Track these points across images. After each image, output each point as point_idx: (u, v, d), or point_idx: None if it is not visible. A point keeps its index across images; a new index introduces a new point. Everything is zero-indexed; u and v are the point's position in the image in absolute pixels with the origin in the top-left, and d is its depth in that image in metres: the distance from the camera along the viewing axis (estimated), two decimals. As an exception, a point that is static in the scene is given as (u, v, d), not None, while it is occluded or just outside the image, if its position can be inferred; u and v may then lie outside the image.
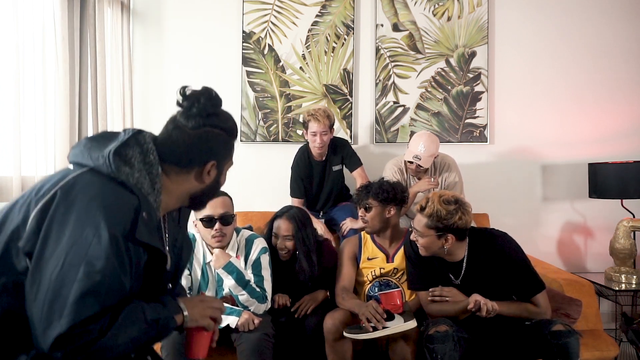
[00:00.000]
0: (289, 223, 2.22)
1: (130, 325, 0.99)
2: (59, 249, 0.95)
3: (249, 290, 1.98)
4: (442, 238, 1.85)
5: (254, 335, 1.89)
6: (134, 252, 1.02)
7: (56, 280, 0.93)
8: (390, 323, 1.87)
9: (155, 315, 1.05)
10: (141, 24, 3.35)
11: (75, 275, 0.93)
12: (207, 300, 1.24)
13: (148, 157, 1.11)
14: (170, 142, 1.14)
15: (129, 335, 0.99)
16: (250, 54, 3.33)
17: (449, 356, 1.71)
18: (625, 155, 3.27)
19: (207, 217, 1.99)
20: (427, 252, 1.91)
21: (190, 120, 1.14)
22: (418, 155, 2.58)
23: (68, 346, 0.92)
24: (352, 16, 3.34)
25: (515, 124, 3.37)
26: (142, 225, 1.03)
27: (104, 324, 0.95)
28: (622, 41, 3.37)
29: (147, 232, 1.05)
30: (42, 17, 2.44)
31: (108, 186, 1.03)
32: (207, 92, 1.16)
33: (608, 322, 3.16)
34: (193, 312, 1.17)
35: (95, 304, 0.94)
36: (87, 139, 1.12)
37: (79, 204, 0.99)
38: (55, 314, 0.92)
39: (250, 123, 3.33)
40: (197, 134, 1.14)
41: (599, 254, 3.30)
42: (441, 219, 1.81)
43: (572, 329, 1.72)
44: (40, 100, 2.44)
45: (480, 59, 3.33)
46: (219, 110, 1.20)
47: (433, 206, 1.82)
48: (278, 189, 3.22)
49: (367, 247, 2.26)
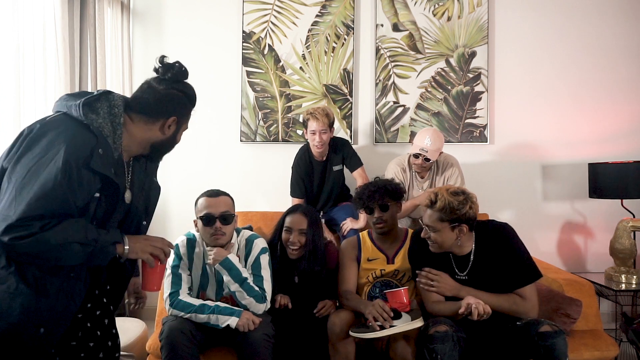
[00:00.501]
0: (304, 218, 2.21)
1: (68, 232, 1.26)
2: (27, 161, 1.26)
3: (246, 288, 1.97)
4: (455, 229, 1.86)
5: (254, 335, 1.89)
6: (86, 178, 1.30)
7: (19, 184, 1.24)
8: (397, 322, 1.86)
9: (95, 236, 1.30)
10: (141, 24, 3.36)
11: (33, 184, 1.23)
12: (151, 239, 1.47)
13: (113, 110, 1.41)
14: (142, 96, 1.44)
15: (64, 239, 1.25)
16: (250, 54, 3.33)
17: (448, 356, 1.71)
18: (625, 155, 3.28)
19: (207, 215, 1.99)
20: (440, 248, 1.90)
21: (162, 83, 1.44)
22: (425, 148, 2.60)
23: (14, 234, 1.20)
24: (352, 16, 3.34)
25: (515, 124, 3.37)
26: (97, 158, 1.32)
27: (47, 224, 1.23)
28: (622, 41, 3.37)
29: (101, 164, 1.33)
30: (42, 17, 2.44)
31: (73, 125, 1.34)
32: (179, 65, 1.46)
33: (608, 322, 3.16)
34: (134, 246, 1.41)
35: (42, 207, 1.22)
36: (66, 95, 1.44)
37: (49, 134, 1.31)
38: (11, 210, 1.21)
39: (250, 123, 3.34)
40: (167, 92, 1.44)
41: (599, 254, 3.30)
42: (454, 210, 1.83)
43: (559, 329, 1.71)
44: (41, 100, 2.44)
45: (480, 59, 3.33)
46: (185, 80, 1.49)
47: (444, 199, 1.84)
48: (278, 189, 3.23)
49: (366, 248, 2.24)
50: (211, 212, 1.99)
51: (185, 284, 2.03)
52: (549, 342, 1.66)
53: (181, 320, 1.91)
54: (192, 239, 2.10)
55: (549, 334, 1.68)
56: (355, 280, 2.20)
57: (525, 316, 1.83)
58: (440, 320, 1.82)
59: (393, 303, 1.91)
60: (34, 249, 1.23)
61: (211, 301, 2.00)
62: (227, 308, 1.94)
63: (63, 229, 1.25)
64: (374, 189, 2.16)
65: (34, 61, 2.39)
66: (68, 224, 1.26)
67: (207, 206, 2.00)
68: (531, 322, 1.77)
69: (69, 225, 1.26)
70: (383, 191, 2.14)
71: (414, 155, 2.66)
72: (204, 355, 1.98)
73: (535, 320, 1.78)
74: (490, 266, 1.91)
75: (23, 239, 1.21)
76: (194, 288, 2.07)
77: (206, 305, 1.95)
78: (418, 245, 2.03)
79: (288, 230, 2.21)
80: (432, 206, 1.87)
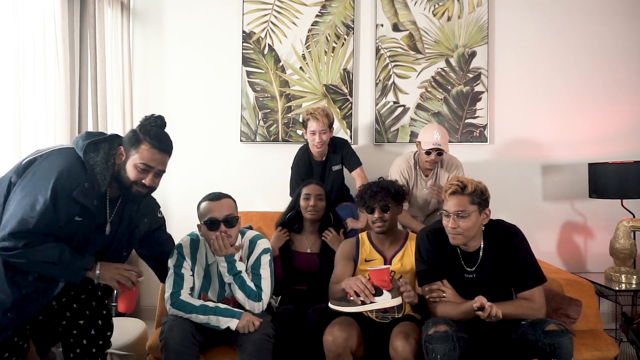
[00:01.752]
0: (319, 186, 2.46)
1: (46, 253, 1.53)
2: (27, 183, 1.55)
3: (239, 282, 1.97)
4: (482, 213, 1.91)
5: (255, 336, 1.88)
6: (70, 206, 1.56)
7: (17, 202, 1.52)
8: (378, 298, 1.88)
9: (68, 260, 1.56)
10: (141, 24, 3.36)
11: (25, 205, 1.50)
12: (121, 268, 1.72)
13: (112, 150, 1.70)
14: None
15: (41, 258, 1.52)
16: (250, 54, 3.33)
17: (448, 356, 1.71)
18: (625, 155, 3.27)
19: (210, 220, 1.96)
20: (466, 237, 1.90)
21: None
22: (437, 142, 2.64)
23: (3, 244, 1.50)
24: (352, 16, 3.34)
25: (515, 123, 3.37)
26: (80, 191, 1.57)
27: (31, 242, 1.50)
28: (622, 41, 3.37)
29: (84, 196, 1.58)
30: (42, 17, 2.45)
31: (71, 160, 1.61)
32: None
33: (608, 322, 3.16)
34: (104, 274, 1.68)
35: (29, 225, 1.49)
36: (87, 132, 1.72)
37: (47, 164, 1.59)
38: (8, 223, 1.50)
39: (250, 123, 3.34)
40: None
41: (599, 254, 3.30)
42: (482, 193, 1.90)
43: (565, 328, 1.71)
44: (41, 100, 2.44)
45: (480, 59, 3.33)
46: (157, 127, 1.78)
47: (472, 183, 1.90)
48: (278, 189, 3.23)
49: (364, 249, 2.23)
50: (215, 216, 1.96)
51: (187, 284, 2.02)
52: (555, 340, 1.66)
53: (181, 320, 1.91)
54: (195, 239, 2.09)
55: (556, 333, 1.68)
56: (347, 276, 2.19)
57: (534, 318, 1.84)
58: (440, 320, 1.82)
59: (375, 280, 1.91)
60: (17, 261, 1.52)
61: (212, 302, 1.99)
62: (228, 310, 1.94)
63: (42, 249, 1.52)
64: (377, 189, 2.15)
65: (34, 61, 2.40)
66: (49, 246, 1.54)
67: (210, 210, 1.97)
68: (536, 321, 1.77)
69: (49, 247, 1.54)
70: (386, 192, 2.14)
71: (426, 152, 2.68)
72: (204, 355, 1.98)
73: (541, 320, 1.78)
74: (498, 264, 1.92)
75: (9, 251, 1.50)
76: (196, 289, 2.06)
77: (207, 306, 1.95)
78: (426, 241, 2.02)
79: (307, 198, 2.41)
80: (462, 191, 1.88)
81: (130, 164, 1.69)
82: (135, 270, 1.74)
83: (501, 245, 1.93)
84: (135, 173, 1.69)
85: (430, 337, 1.75)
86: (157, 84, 3.35)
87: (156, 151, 1.70)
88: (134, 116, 3.22)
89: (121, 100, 3.06)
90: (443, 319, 1.83)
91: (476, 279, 1.94)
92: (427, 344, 1.75)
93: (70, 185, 1.56)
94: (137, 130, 1.73)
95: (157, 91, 3.35)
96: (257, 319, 1.93)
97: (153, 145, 1.70)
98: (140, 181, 1.70)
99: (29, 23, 2.37)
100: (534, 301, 1.86)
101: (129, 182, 1.70)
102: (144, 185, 1.72)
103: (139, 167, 1.69)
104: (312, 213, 2.40)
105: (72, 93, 2.62)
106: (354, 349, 1.94)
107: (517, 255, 1.90)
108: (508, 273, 1.91)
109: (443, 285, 1.94)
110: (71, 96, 2.61)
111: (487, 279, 1.92)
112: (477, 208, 1.89)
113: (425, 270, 2.01)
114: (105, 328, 1.83)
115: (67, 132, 2.55)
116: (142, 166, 1.69)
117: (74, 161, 1.61)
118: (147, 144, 1.69)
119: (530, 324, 1.78)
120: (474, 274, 1.95)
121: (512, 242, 1.92)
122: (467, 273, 1.96)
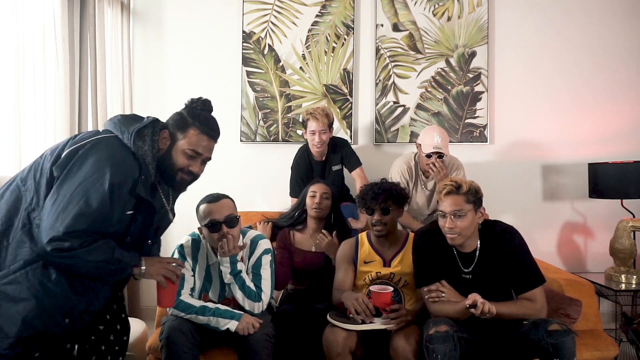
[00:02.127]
0: (327, 185, 2.48)
1: (100, 251, 1.40)
2: (75, 179, 1.38)
3: (239, 283, 1.98)
4: (477, 212, 1.92)
5: (255, 336, 1.88)
6: (126, 201, 1.44)
7: (67, 199, 1.35)
8: (377, 319, 1.91)
9: (120, 256, 1.44)
10: (141, 24, 3.36)
11: (79, 201, 1.35)
12: (164, 261, 1.61)
13: (155, 136, 1.56)
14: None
15: (97, 257, 1.39)
16: (250, 54, 3.33)
17: (449, 356, 1.71)
18: (625, 155, 3.28)
19: (211, 222, 1.95)
20: (463, 236, 1.90)
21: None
22: (437, 145, 2.60)
23: (56, 245, 1.33)
24: (352, 16, 3.34)
25: (515, 124, 3.37)
26: (140, 184, 1.46)
27: (85, 242, 1.37)
28: (622, 41, 3.37)
29: (144, 190, 1.48)
30: (42, 17, 2.44)
31: (121, 150, 1.47)
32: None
33: (608, 322, 3.16)
34: (150, 269, 1.54)
35: (85, 224, 1.36)
36: (120, 116, 1.58)
37: (98, 154, 1.42)
38: (58, 221, 1.34)
39: (250, 123, 3.34)
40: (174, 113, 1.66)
41: (599, 254, 3.30)
42: (477, 192, 1.91)
43: (568, 328, 1.71)
44: (40, 100, 2.44)
45: (480, 59, 3.33)
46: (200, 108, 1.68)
47: (467, 183, 1.91)
48: (278, 189, 3.22)
49: (363, 250, 2.22)
50: (215, 218, 1.95)
51: (188, 284, 2.02)
52: (558, 340, 1.67)
53: (181, 321, 1.91)
54: (197, 239, 2.09)
55: (559, 332, 1.68)
56: (350, 283, 2.18)
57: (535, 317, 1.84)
58: (440, 320, 1.82)
59: (377, 302, 1.93)
60: (69, 262, 1.37)
61: (212, 303, 1.99)
62: (228, 311, 1.94)
63: (96, 248, 1.39)
64: (379, 191, 2.12)
65: (33, 61, 2.39)
66: (101, 244, 1.41)
67: (209, 212, 1.97)
68: (539, 321, 1.78)
69: (102, 245, 1.41)
70: (387, 194, 2.11)
71: (427, 155, 2.66)
72: (204, 355, 1.98)
73: (543, 319, 1.78)
74: (495, 265, 1.92)
75: (63, 251, 1.35)
76: (196, 289, 2.06)
77: (207, 307, 1.95)
78: (423, 242, 2.02)
79: (313, 195, 2.44)
80: (457, 191, 1.88)
81: (177, 150, 1.58)
82: (178, 262, 1.64)
83: (499, 245, 1.93)
84: (183, 159, 1.58)
85: (431, 337, 1.75)
86: (157, 84, 3.35)
87: (205, 137, 1.59)
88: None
89: (121, 100, 3.05)
90: (444, 319, 1.83)
91: (473, 279, 1.94)
92: (428, 343, 1.75)
93: (127, 179, 1.43)
94: (185, 113, 1.61)
95: (157, 91, 3.34)
96: (256, 321, 1.93)
97: (202, 131, 1.58)
98: (187, 168, 1.59)
99: (29, 23, 2.37)
100: (536, 301, 1.87)
101: (175, 169, 1.58)
102: (190, 172, 1.61)
103: (187, 152, 1.57)
104: (317, 211, 2.41)
105: (72, 93, 2.62)
106: (353, 348, 1.94)
107: (516, 257, 1.90)
108: (506, 274, 1.91)
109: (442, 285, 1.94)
110: (71, 96, 2.61)
111: (484, 279, 1.92)
112: (473, 207, 1.90)
113: (422, 271, 2.02)
114: (122, 333, 1.73)
115: (67, 132, 2.54)
116: (191, 152, 1.58)
117: (124, 152, 1.46)
118: (195, 128, 1.58)
119: (533, 323, 1.78)
120: (471, 274, 1.95)
121: (510, 243, 1.92)
122: (464, 274, 1.96)
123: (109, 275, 1.47)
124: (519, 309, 1.85)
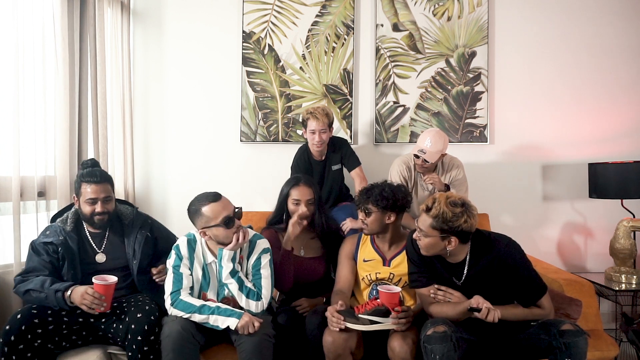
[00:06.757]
0: (309, 188, 2.33)
1: (34, 284, 1.93)
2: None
3: (239, 283, 1.98)
4: (445, 240, 1.82)
5: (255, 336, 1.88)
6: (47, 248, 2.06)
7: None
8: (385, 319, 1.90)
9: (47, 286, 1.91)
10: (141, 24, 3.35)
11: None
12: (84, 293, 1.88)
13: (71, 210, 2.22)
14: None
15: (31, 287, 1.92)
16: (250, 54, 3.33)
17: (447, 357, 1.70)
18: (625, 155, 3.28)
19: (227, 218, 1.98)
20: (428, 252, 1.89)
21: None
22: (424, 150, 2.57)
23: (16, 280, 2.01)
24: (352, 16, 3.34)
25: (516, 124, 3.37)
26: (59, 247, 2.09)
27: (26, 278, 1.98)
28: (622, 41, 3.37)
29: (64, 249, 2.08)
30: (42, 17, 2.45)
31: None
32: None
33: (608, 322, 3.16)
34: (73, 296, 1.90)
35: (25, 268, 2.05)
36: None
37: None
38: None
39: (250, 123, 3.33)
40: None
41: (599, 254, 3.30)
42: (447, 221, 1.77)
43: (580, 329, 1.72)
44: (40, 101, 2.44)
45: (480, 59, 3.33)
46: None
47: (439, 207, 1.79)
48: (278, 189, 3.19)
49: (364, 248, 2.23)
50: (227, 214, 1.99)
51: (187, 283, 2.03)
52: (571, 340, 1.67)
53: (181, 320, 1.91)
54: (192, 239, 2.09)
55: (572, 333, 1.69)
56: (350, 279, 2.19)
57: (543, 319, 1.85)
58: (439, 320, 1.82)
59: (385, 301, 1.92)
60: (18, 291, 1.98)
61: (213, 302, 1.99)
62: (228, 310, 1.94)
63: (32, 281, 1.94)
64: (362, 192, 2.18)
65: (33, 61, 2.40)
66: (36, 279, 1.94)
67: (220, 210, 1.98)
68: (549, 321, 1.78)
69: (37, 280, 1.93)
70: (374, 197, 2.11)
71: (415, 155, 2.66)
72: (204, 355, 1.98)
73: (554, 320, 1.79)
74: (486, 277, 1.89)
75: (15, 284, 2.00)
76: (195, 288, 2.07)
77: (207, 306, 1.95)
78: (413, 246, 2.02)
79: (296, 203, 2.31)
80: (427, 212, 1.83)
81: (82, 204, 2.11)
82: (96, 297, 1.88)
83: (489, 259, 1.88)
84: (87, 208, 2.10)
85: (429, 338, 1.74)
86: (157, 84, 3.34)
87: (94, 185, 2.09)
88: (134, 116, 3.22)
89: (121, 100, 3.05)
90: (442, 320, 1.82)
91: (464, 288, 1.93)
92: (426, 344, 1.74)
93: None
94: (76, 178, 2.14)
95: (157, 91, 3.34)
96: (257, 320, 1.93)
97: (89, 182, 2.09)
98: (94, 211, 2.10)
99: (29, 23, 2.37)
100: (544, 308, 1.88)
101: (87, 217, 2.11)
102: (99, 213, 2.10)
103: (87, 202, 2.09)
104: (302, 221, 2.29)
105: (72, 93, 2.62)
106: (353, 349, 1.94)
107: (518, 272, 1.86)
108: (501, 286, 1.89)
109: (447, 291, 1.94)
110: (71, 96, 2.61)
111: (476, 289, 1.89)
112: (438, 234, 1.80)
113: (415, 272, 2.02)
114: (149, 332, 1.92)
115: (67, 132, 2.54)
116: (89, 201, 2.09)
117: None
118: (84, 183, 2.09)
119: (542, 324, 1.78)
120: (462, 283, 1.94)
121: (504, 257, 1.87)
122: (456, 283, 1.96)
123: (48, 303, 1.91)
124: (527, 315, 1.86)
